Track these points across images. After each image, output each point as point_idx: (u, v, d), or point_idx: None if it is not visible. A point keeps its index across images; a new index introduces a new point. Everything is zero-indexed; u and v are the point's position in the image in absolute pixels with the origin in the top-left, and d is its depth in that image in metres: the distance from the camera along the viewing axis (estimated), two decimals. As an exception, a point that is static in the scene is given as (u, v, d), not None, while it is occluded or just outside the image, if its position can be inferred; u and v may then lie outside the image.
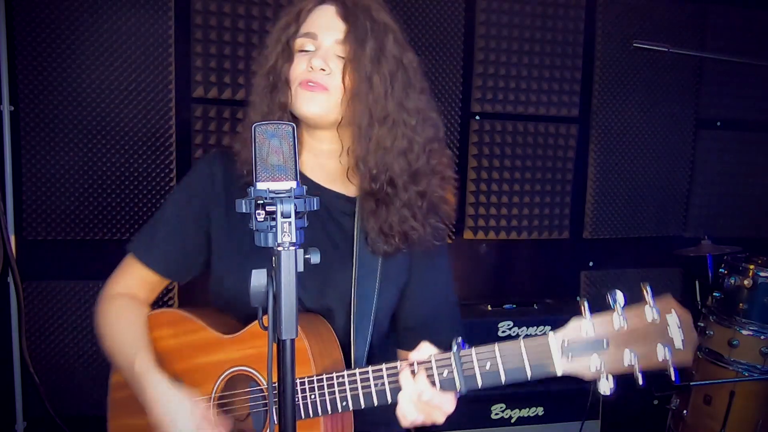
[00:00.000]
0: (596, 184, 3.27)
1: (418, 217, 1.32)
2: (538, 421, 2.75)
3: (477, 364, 1.09)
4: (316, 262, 0.98)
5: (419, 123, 1.31)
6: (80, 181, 2.59)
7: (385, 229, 1.31)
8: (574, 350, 1.03)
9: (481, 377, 1.08)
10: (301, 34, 1.30)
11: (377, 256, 1.34)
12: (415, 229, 1.31)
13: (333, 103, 1.27)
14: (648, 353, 1.01)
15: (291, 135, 1.00)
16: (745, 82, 3.33)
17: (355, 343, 1.32)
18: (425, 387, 1.10)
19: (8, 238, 2.38)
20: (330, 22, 1.28)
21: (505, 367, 1.07)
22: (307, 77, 1.26)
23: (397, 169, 1.29)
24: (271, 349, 0.97)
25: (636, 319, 1.02)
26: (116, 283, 1.44)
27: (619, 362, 1.02)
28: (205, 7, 2.66)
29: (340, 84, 1.26)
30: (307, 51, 1.29)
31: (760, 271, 2.54)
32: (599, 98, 3.21)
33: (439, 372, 1.11)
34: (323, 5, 1.31)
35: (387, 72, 1.27)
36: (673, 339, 1.01)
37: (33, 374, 2.50)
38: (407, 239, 1.32)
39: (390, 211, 1.30)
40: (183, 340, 1.34)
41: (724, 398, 2.54)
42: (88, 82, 2.55)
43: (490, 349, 1.09)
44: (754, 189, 3.44)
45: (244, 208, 0.97)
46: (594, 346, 1.03)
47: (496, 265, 3.19)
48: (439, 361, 1.12)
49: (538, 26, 3.08)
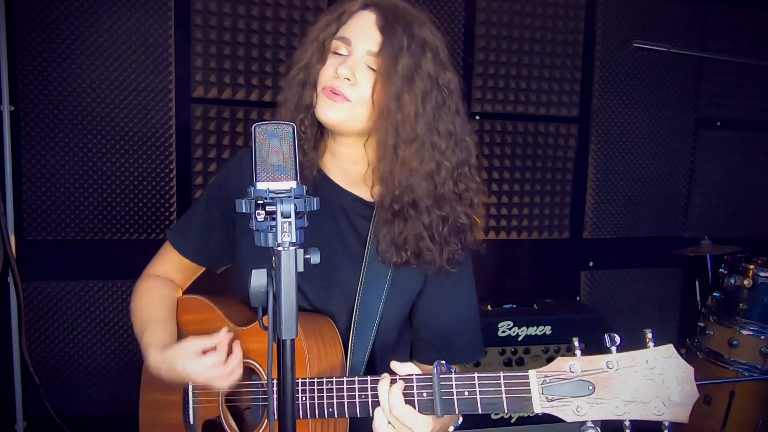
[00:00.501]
0: (596, 184, 3.27)
1: (436, 239, 1.27)
2: (538, 421, 2.75)
3: (455, 390, 1.04)
4: (316, 262, 0.98)
5: (450, 146, 1.26)
6: (80, 181, 2.59)
7: (398, 242, 1.27)
8: (555, 391, 0.97)
9: (458, 404, 1.04)
10: (338, 36, 1.27)
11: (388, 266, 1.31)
12: (429, 251, 1.27)
13: (355, 114, 1.24)
14: (640, 404, 0.94)
15: (291, 135, 1.00)
16: (745, 82, 3.33)
17: (353, 348, 1.29)
18: (397, 401, 1.06)
19: (8, 238, 2.38)
20: (367, 30, 1.24)
21: (482, 398, 1.03)
22: (332, 84, 1.23)
23: (421, 192, 1.25)
24: (270, 348, 0.97)
25: (630, 365, 0.95)
26: (155, 266, 1.51)
27: (605, 410, 0.96)
28: (205, 7, 2.66)
29: (365, 96, 1.23)
30: (339, 54, 1.26)
31: (760, 271, 2.54)
32: (599, 98, 3.22)
33: (419, 392, 1.07)
34: (365, 11, 1.27)
35: (419, 91, 1.22)
36: (670, 392, 0.94)
37: (33, 374, 2.50)
38: (419, 257, 1.28)
39: (406, 227, 1.26)
40: (203, 327, 1.36)
41: (724, 398, 2.54)
42: (88, 82, 2.55)
43: (471, 377, 1.04)
44: (754, 189, 3.44)
45: (244, 208, 0.97)
46: (578, 389, 0.96)
47: (496, 265, 3.19)
48: (420, 380, 1.08)
49: (538, 26, 3.08)
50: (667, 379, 0.94)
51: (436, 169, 1.25)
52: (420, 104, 1.22)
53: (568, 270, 3.33)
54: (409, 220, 1.26)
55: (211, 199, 1.43)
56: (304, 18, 2.76)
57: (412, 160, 1.23)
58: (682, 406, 0.94)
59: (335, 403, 1.14)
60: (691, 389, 0.95)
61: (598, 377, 0.96)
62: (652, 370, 0.95)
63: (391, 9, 1.25)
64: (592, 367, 0.96)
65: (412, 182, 1.24)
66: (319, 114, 1.25)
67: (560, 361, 0.98)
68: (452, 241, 1.29)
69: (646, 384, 0.95)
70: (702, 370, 2.69)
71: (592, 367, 0.96)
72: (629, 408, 0.95)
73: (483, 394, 1.03)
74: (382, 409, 1.08)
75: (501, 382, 1.02)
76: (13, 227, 2.53)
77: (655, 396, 0.94)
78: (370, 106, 1.23)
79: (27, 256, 2.55)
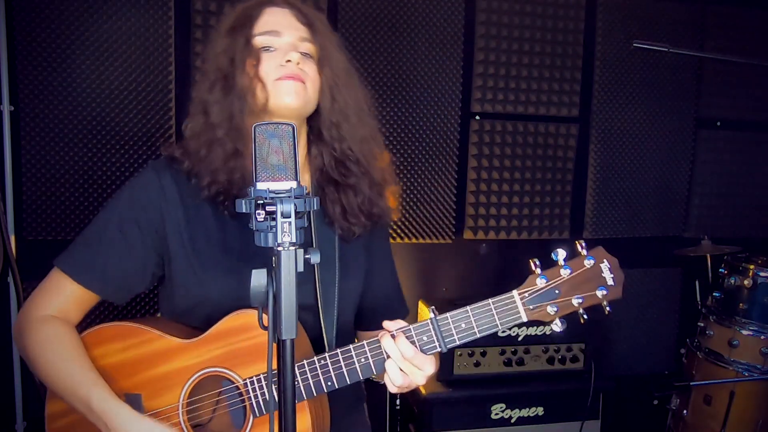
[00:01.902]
0: (596, 184, 3.27)
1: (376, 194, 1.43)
2: (538, 421, 2.75)
3: (453, 326, 1.25)
4: (316, 262, 0.98)
5: (371, 112, 1.45)
6: (80, 181, 2.59)
7: (350, 210, 1.40)
8: (533, 301, 1.26)
9: (458, 336, 1.25)
10: (263, 32, 1.32)
11: (333, 242, 1.41)
12: (376, 205, 1.43)
13: (308, 97, 1.33)
14: (589, 294, 1.25)
15: (291, 135, 1.00)
16: (745, 82, 3.33)
17: (325, 329, 1.39)
18: (406, 346, 1.22)
19: (8, 238, 2.38)
20: (290, 22, 1.34)
21: (478, 325, 1.25)
22: (284, 71, 1.29)
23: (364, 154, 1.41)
24: (271, 348, 0.97)
25: (578, 269, 1.26)
26: (44, 302, 1.32)
27: (569, 305, 1.25)
28: (205, 7, 2.66)
29: (313, 75, 1.33)
30: (270, 50, 1.31)
31: (760, 271, 2.55)
32: (599, 98, 3.22)
33: (418, 337, 1.25)
34: (273, 7, 1.35)
35: (344, 67, 1.40)
36: (606, 279, 1.25)
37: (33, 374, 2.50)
38: (371, 216, 1.43)
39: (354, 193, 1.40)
40: (137, 351, 1.29)
41: (724, 398, 2.54)
42: (88, 82, 2.55)
43: (464, 311, 1.25)
44: (754, 189, 3.44)
45: (244, 208, 0.97)
46: (549, 296, 1.26)
47: (496, 265, 3.19)
48: (417, 328, 1.25)
49: (538, 26, 3.08)
50: (602, 270, 1.26)
51: (371, 134, 1.43)
52: (348, 77, 1.40)
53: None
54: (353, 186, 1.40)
55: (125, 220, 1.31)
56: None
57: (357, 127, 1.40)
58: (616, 286, 1.26)
59: (333, 375, 1.25)
60: (619, 274, 1.26)
61: (560, 283, 1.26)
62: (592, 267, 1.25)
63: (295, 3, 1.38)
64: (554, 277, 1.26)
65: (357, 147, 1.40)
66: (281, 100, 1.29)
67: (532, 278, 1.27)
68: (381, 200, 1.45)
69: (591, 278, 1.25)
70: (702, 370, 2.69)
71: (554, 276, 1.26)
72: (584, 299, 1.25)
73: (478, 321, 1.25)
74: (394, 359, 1.22)
75: (492, 307, 1.25)
76: (13, 227, 2.53)
77: (598, 284, 1.25)
78: (317, 84, 1.34)
79: (27, 256, 2.55)
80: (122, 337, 1.31)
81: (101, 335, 1.32)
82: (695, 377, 2.70)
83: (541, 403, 2.74)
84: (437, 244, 3.09)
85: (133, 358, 1.29)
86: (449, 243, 3.10)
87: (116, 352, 1.30)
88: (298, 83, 1.29)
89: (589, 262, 1.25)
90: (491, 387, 2.70)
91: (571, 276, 1.25)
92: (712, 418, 2.58)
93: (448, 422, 2.61)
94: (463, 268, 3.14)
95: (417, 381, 1.26)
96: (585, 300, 1.25)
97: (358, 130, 1.40)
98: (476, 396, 2.67)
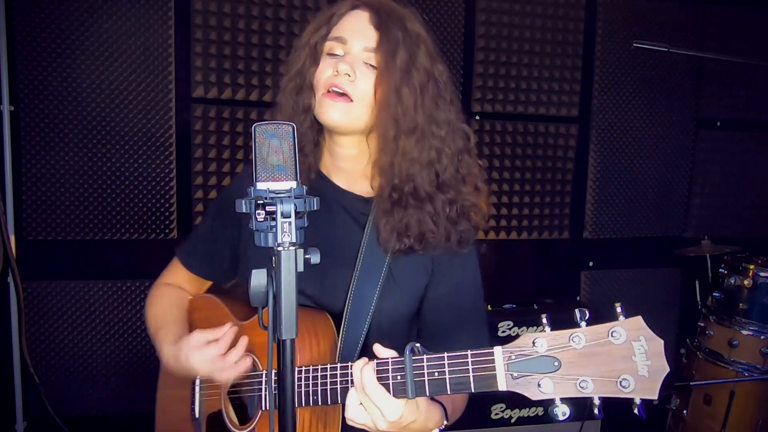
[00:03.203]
0: (596, 184, 3.27)
1: (441, 222, 1.29)
2: (538, 421, 2.75)
3: (426, 371, 1.03)
4: (316, 262, 0.98)
5: (449, 134, 1.29)
6: (80, 181, 2.59)
7: (399, 228, 1.28)
8: (520, 367, 0.95)
9: (429, 385, 1.02)
10: (331, 37, 1.28)
11: (385, 257, 1.31)
12: (433, 233, 1.28)
13: (357, 112, 1.25)
14: (606, 380, 0.90)
15: (291, 135, 1.00)
16: (745, 82, 3.33)
17: (343, 340, 1.29)
18: (369, 380, 1.05)
19: (8, 238, 2.38)
20: (362, 28, 1.27)
21: (450, 378, 1.01)
22: (332, 82, 1.24)
23: (422, 180, 1.27)
24: (271, 348, 0.97)
25: (596, 340, 0.91)
26: (166, 276, 1.57)
27: (571, 387, 0.92)
28: (205, 7, 2.66)
29: (366, 93, 1.25)
30: (335, 55, 1.27)
31: (760, 271, 2.54)
32: (599, 98, 3.22)
33: (393, 375, 1.06)
34: (356, 10, 1.29)
35: (417, 83, 1.25)
36: (638, 367, 0.89)
37: (33, 374, 2.50)
38: (423, 241, 1.29)
39: (407, 214, 1.28)
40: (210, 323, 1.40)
41: (724, 398, 2.54)
42: (88, 82, 2.55)
43: (440, 356, 1.02)
44: (754, 189, 3.44)
45: (244, 208, 0.97)
46: (543, 366, 0.93)
47: (496, 265, 3.19)
48: (395, 363, 1.07)
49: (538, 26, 3.08)
50: (635, 353, 0.90)
51: (436, 158, 1.28)
52: (419, 95, 1.25)
53: (568, 270, 3.33)
54: (410, 208, 1.28)
55: (215, 216, 1.49)
56: (304, 18, 2.76)
57: (413, 150, 1.26)
58: (652, 381, 0.89)
59: (319, 390, 1.15)
60: (660, 364, 0.90)
61: (563, 353, 0.92)
62: (620, 344, 0.90)
63: (381, 6, 1.28)
64: (557, 343, 0.92)
65: (413, 172, 1.27)
66: (322, 116, 1.26)
67: (526, 337, 0.95)
68: (461, 221, 1.31)
69: (613, 359, 0.90)
70: (702, 370, 2.69)
71: (557, 342, 0.92)
72: (596, 384, 0.91)
73: (451, 373, 1.01)
74: (355, 388, 1.08)
75: (468, 360, 1.00)
76: (13, 227, 2.53)
77: (622, 371, 0.89)
78: (371, 102, 1.25)
79: (27, 256, 2.55)
80: (205, 308, 1.51)
81: (196, 303, 1.54)
82: (695, 377, 2.70)
83: (541, 403, 2.74)
84: (437, 244, 3.08)
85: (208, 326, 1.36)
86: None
87: (203, 320, 1.48)
88: (340, 103, 1.23)
89: (616, 333, 0.91)
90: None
91: (582, 347, 0.91)
92: (712, 418, 2.58)
93: (448, 422, 2.61)
94: (463, 268, 3.14)
95: (376, 422, 1.07)
96: (596, 387, 0.91)
97: (414, 152, 1.26)
98: (476, 396, 2.66)
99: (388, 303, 1.32)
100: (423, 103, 1.26)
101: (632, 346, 0.89)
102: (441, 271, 1.34)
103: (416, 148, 1.26)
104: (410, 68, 1.25)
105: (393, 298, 1.33)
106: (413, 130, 1.25)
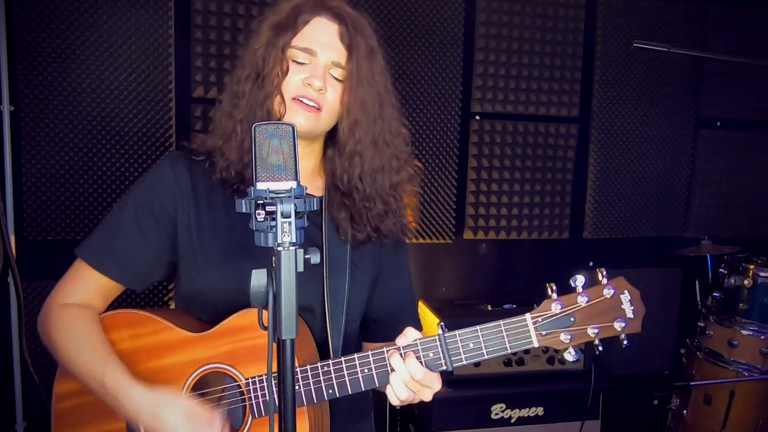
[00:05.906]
0: (596, 184, 3.27)
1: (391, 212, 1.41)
2: (538, 421, 2.75)
3: (461, 345, 1.23)
4: (316, 263, 0.98)
5: (397, 137, 1.41)
6: (80, 181, 2.59)
7: (356, 218, 1.38)
8: (547, 327, 1.23)
9: (465, 356, 1.23)
10: (300, 47, 1.30)
11: (346, 247, 1.40)
12: (385, 222, 1.40)
13: (323, 121, 1.33)
14: (606, 325, 1.22)
15: (291, 135, 1.00)
16: (745, 82, 3.33)
17: (331, 335, 1.37)
18: (417, 368, 1.20)
19: (8, 238, 2.37)
20: (331, 42, 1.31)
21: (486, 346, 1.23)
22: (303, 93, 1.29)
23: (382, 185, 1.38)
24: (271, 348, 0.97)
25: (597, 298, 1.23)
26: (67, 291, 1.38)
27: (583, 334, 1.22)
28: (205, 7, 2.66)
29: (332, 103, 1.32)
30: (301, 63, 1.30)
31: (760, 271, 2.55)
32: (599, 98, 3.22)
33: (424, 354, 1.22)
34: (323, 18, 1.32)
35: (377, 94, 1.35)
36: (625, 311, 1.22)
37: (33, 374, 2.50)
38: (378, 230, 1.40)
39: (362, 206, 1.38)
40: (146, 341, 1.31)
41: (724, 398, 2.54)
42: (88, 82, 2.55)
43: (474, 330, 1.23)
44: (754, 189, 3.44)
45: (245, 208, 0.97)
46: (563, 323, 1.23)
47: (496, 265, 3.19)
48: (424, 344, 1.23)
49: (538, 26, 3.08)
50: (623, 302, 1.23)
51: (388, 159, 1.39)
52: (377, 106, 1.36)
53: (568, 270, 3.32)
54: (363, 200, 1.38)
55: (140, 209, 1.34)
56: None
57: (375, 159, 1.37)
58: (636, 320, 1.22)
59: (335, 383, 1.24)
60: (640, 306, 1.23)
61: (576, 311, 1.23)
62: (612, 298, 1.23)
63: (349, 19, 1.33)
64: (570, 304, 1.23)
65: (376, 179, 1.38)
66: (289, 119, 1.29)
67: (547, 303, 1.25)
68: (404, 213, 1.44)
69: (610, 308, 1.23)
70: (702, 370, 2.69)
71: (570, 303, 1.24)
72: (601, 329, 1.22)
73: (487, 342, 1.23)
74: (401, 378, 1.21)
75: (502, 329, 1.23)
76: (13, 227, 2.53)
77: (617, 316, 1.22)
78: (336, 110, 1.33)
79: (27, 256, 2.55)
80: (133, 325, 1.34)
81: (114, 321, 1.35)
82: (695, 377, 2.71)
83: (541, 403, 2.74)
84: (437, 244, 3.09)
85: (141, 346, 1.30)
86: (449, 243, 3.10)
87: (126, 340, 1.33)
88: (310, 113, 1.29)
89: (608, 291, 1.22)
90: (491, 387, 2.70)
91: (588, 304, 1.22)
92: (712, 418, 2.58)
93: (448, 422, 2.61)
94: (462, 268, 3.14)
95: (424, 398, 1.24)
96: (601, 331, 1.22)
97: (374, 161, 1.37)
98: (476, 396, 2.66)
99: (356, 291, 1.41)
100: (382, 113, 1.37)
101: (620, 298, 1.23)
102: (387, 260, 1.48)
103: (377, 157, 1.37)
104: (371, 80, 1.34)
105: (359, 287, 1.42)
106: (374, 140, 1.36)
